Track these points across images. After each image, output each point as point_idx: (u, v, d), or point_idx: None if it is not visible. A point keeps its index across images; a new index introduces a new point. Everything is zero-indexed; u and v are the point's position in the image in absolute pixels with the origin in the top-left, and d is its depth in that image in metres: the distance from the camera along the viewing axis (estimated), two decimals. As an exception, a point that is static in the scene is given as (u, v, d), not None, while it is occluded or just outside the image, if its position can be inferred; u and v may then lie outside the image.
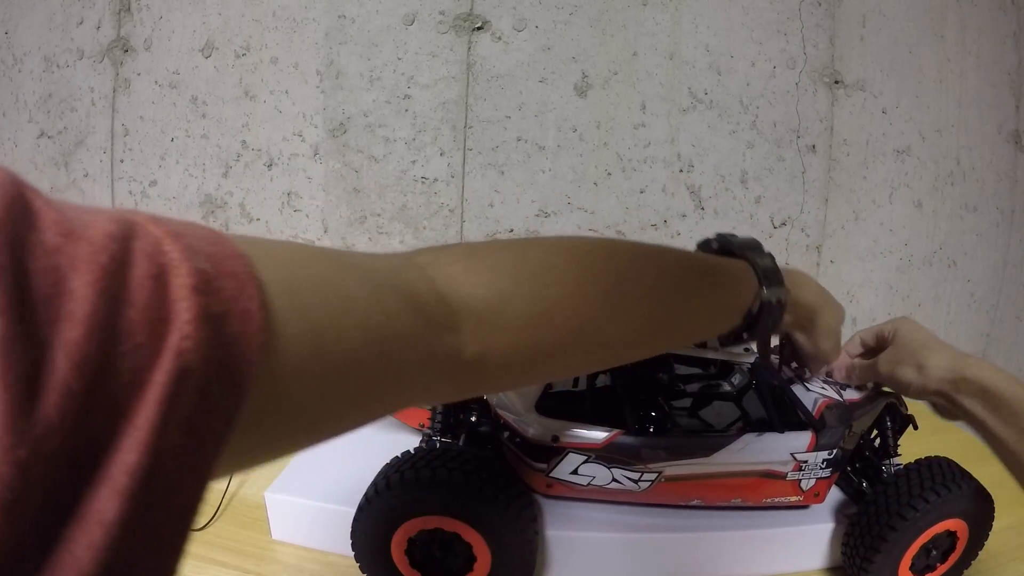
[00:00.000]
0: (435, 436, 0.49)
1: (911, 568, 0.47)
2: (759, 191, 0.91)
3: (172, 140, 0.90)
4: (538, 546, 0.45)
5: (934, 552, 0.47)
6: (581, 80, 0.84)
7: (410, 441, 0.47)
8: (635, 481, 0.47)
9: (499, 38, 0.83)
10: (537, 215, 0.87)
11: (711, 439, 0.47)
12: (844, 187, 0.94)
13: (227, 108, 0.88)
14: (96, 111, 0.91)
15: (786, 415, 0.49)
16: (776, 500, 0.49)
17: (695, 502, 0.49)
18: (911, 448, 0.52)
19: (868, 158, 0.95)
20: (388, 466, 0.44)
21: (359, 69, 0.84)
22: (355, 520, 0.43)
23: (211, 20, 0.87)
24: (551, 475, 0.48)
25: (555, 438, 0.46)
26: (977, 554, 0.49)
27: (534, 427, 0.47)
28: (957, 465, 0.47)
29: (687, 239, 0.91)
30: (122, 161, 0.91)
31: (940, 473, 0.46)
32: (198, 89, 0.88)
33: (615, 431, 0.46)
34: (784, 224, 0.93)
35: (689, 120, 0.87)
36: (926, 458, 0.48)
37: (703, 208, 0.90)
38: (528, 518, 0.43)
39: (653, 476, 0.47)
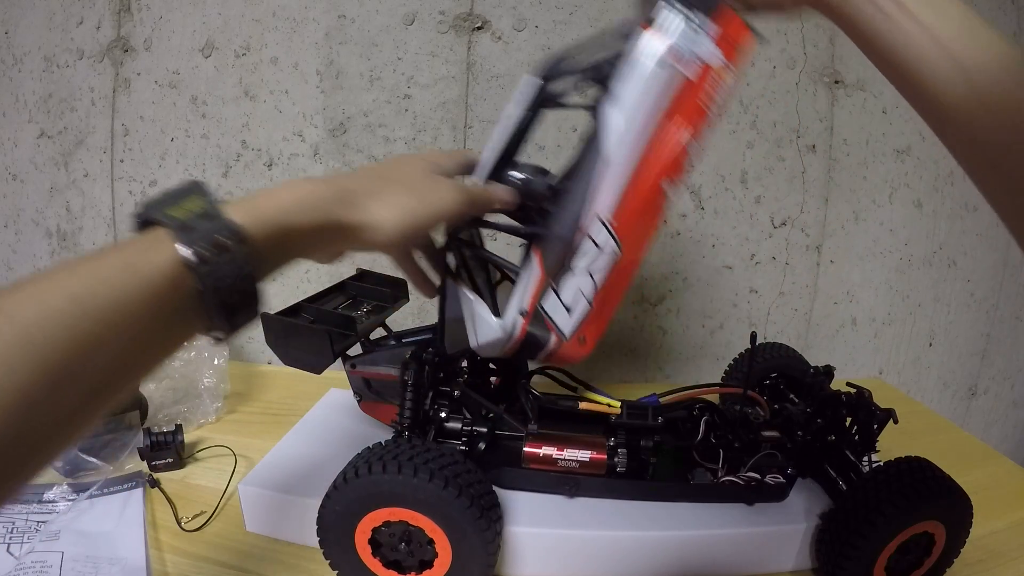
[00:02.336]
0: (404, 431, 0.49)
1: (887, 570, 0.46)
2: (759, 191, 0.91)
3: (172, 140, 0.90)
4: (501, 543, 0.45)
5: (910, 554, 0.47)
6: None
7: (384, 437, 0.48)
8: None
9: (499, 38, 0.83)
10: (537, 215, 0.87)
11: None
12: (844, 187, 0.94)
13: (227, 108, 0.88)
14: (96, 111, 0.91)
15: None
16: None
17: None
18: (891, 451, 0.52)
19: (868, 158, 0.95)
20: (356, 458, 0.44)
21: (359, 69, 0.84)
22: (321, 508, 0.44)
23: (211, 20, 0.87)
24: None
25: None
26: (955, 558, 0.49)
27: None
28: (936, 467, 0.47)
29: (687, 239, 0.91)
30: (122, 161, 0.91)
31: (919, 473, 0.46)
32: (198, 89, 0.88)
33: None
34: (784, 224, 0.93)
35: (689, 120, 0.87)
36: (904, 458, 0.48)
37: (703, 208, 0.90)
38: (491, 516, 0.43)
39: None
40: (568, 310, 0.41)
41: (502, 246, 0.88)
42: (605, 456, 0.51)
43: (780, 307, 0.95)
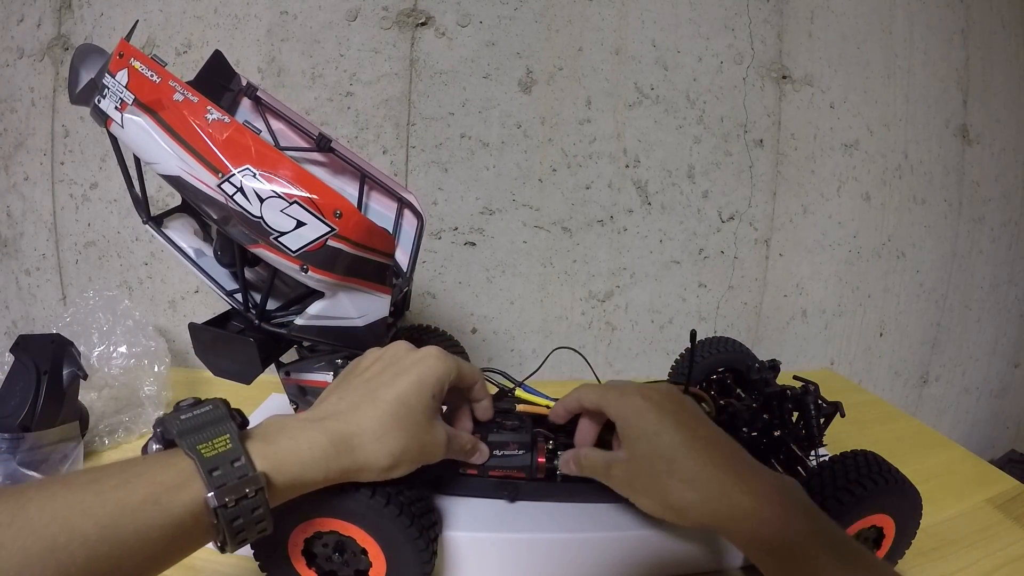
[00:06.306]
0: None
1: None
2: (706, 186, 0.91)
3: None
4: (435, 551, 0.44)
5: None
6: (526, 76, 0.84)
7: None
8: None
9: (443, 34, 0.82)
10: (482, 212, 0.87)
11: None
12: (792, 181, 0.95)
13: (169, 107, 0.86)
14: (36, 112, 0.89)
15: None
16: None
17: None
18: (842, 442, 0.52)
19: (816, 152, 0.95)
20: None
21: (301, 66, 0.83)
22: None
23: (152, 17, 0.85)
24: None
25: None
26: (905, 549, 0.49)
27: None
28: (884, 460, 0.47)
29: (634, 234, 0.91)
30: (62, 163, 0.89)
31: (866, 467, 0.45)
32: (139, 88, 0.86)
33: None
34: (732, 218, 0.93)
35: (635, 115, 0.87)
36: (852, 451, 0.48)
37: (650, 203, 0.90)
38: (423, 523, 0.42)
39: None
40: (298, 224, 0.43)
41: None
42: (543, 459, 0.50)
43: (729, 301, 0.96)
